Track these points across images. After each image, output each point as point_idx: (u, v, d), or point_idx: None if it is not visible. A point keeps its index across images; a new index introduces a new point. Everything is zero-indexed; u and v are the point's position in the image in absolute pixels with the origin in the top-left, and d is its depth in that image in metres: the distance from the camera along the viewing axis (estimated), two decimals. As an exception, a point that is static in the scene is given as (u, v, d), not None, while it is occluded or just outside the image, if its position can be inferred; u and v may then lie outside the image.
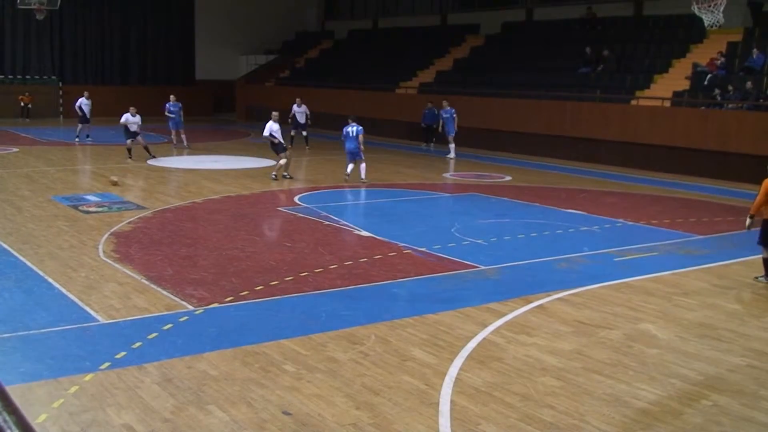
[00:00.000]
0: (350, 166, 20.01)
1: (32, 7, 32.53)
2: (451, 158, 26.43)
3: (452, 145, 26.65)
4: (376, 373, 7.29)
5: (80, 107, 28.04)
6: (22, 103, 36.32)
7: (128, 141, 23.37)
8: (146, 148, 23.75)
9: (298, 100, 27.96)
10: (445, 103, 27.01)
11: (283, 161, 20.45)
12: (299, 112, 27.61)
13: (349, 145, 20.07)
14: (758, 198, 10.70)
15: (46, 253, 11.72)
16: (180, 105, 26.99)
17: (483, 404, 6.64)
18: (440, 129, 27.26)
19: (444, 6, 40.04)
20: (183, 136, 26.99)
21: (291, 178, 20.55)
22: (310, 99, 34.62)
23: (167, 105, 27.00)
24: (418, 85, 33.63)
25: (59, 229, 13.50)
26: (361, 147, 19.94)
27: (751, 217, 10.96)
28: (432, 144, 29.46)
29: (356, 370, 7.37)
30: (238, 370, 7.26)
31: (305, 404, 6.55)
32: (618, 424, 6.35)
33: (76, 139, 28.01)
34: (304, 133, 27.68)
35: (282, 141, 20.60)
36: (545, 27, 33.39)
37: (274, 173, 20.41)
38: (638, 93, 25.66)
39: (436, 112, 28.84)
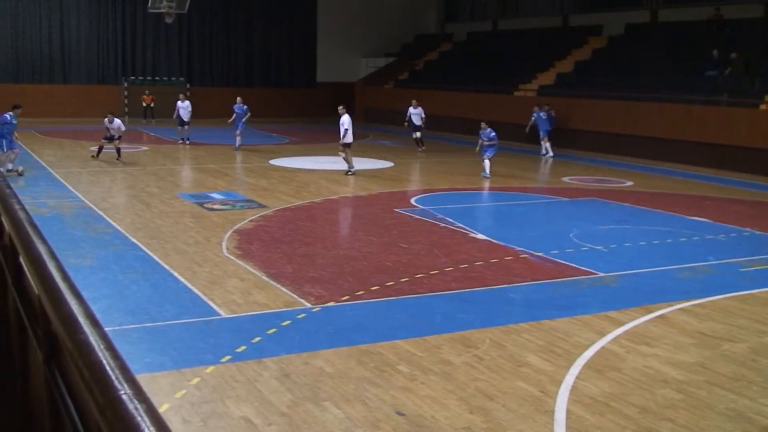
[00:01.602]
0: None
1: (162, 11, 33.80)
2: (550, 156, 27.40)
3: (548, 144, 27.75)
4: (491, 378, 7.25)
5: (178, 111, 27.83)
6: (144, 103, 37.77)
7: (103, 140, 22.90)
8: (100, 148, 22.94)
9: (414, 102, 28.18)
10: (544, 105, 28.33)
11: (342, 155, 21.37)
12: (415, 113, 27.78)
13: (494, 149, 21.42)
14: None
15: (173, 248, 12.18)
16: (245, 107, 26.52)
17: (600, 414, 6.51)
18: (528, 130, 28.48)
19: (566, 6, 39.40)
20: (237, 138, 26.34)
21: (350, 173, 21.26)
22: (428, 101, 34.66)
23: (234, 106, 26.65)
24: (538, 87, 33.23)
25: (185, 226, 14.00)
26: None
27: None
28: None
29: (470, 373, 7.35)
30: (354, 369, 7.36)
31: (419, 406, 6.58)
32: (742, 441, 6.11)
33: (182, 140, 28.14)
34: (418, 134, 27.75)
35: (343, 136, 21.13)
36: (670, 29, 32.39)
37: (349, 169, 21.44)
38: (767, 97, 24.60)
39: (554, 115, 28.69)
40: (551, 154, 27.54)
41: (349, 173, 21.28)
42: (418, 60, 43.85)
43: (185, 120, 27.74)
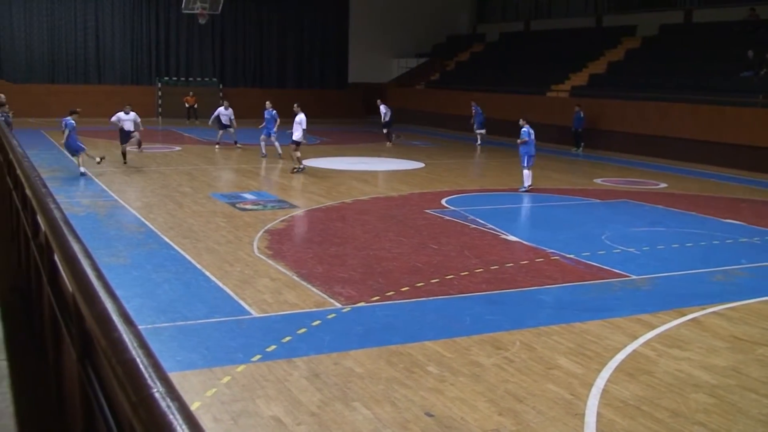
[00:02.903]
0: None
1: (195, 12, 34.04)
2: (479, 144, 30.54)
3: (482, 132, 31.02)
4: (521, 380, 7.22)
5: (218, 117, 26.87)
6: (186, 104, 37.96)
7: (123, 144, 21.80)
8: (123, 154, 22.00)
9: (379, 101, 30.57)
10: (473, 103, 31.57)
11: (297, 153, 21.44)
12: (384, 112, 29.83)
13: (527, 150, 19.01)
14: None
15: (205, 248, 12.27)
16: (274, 112, 24.71)
17: (631, 418, 6.46)
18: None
19: (599, 7, 39.11)
20: (276, 144, 24.31)
21: (297, 170, 21.35)
22: (459, 102, 34.64)
23: (264, 112, 25.14)
24: (570, 88, 33.04)
25: (217, 225, 14.10)
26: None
27: None
28: (581, 148, 28.96)
29: (500, 375, 7.33)
30: (383, 370, 7.37)
31: (448, 407, 6.58)
32: (776, 447, 6.04)
33: (235, 143, 27.78)
34: (385, 130, 29.83)
35: (294, 134, 21.26)
36: (705, 29, 32.06)
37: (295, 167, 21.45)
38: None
39: (582, 116, 28.57)
40: (480, 142, 30.72)
41: (296, 170, 21.29)
42: (450, 61, 43.78)
43: (226, 124, 26.75)
